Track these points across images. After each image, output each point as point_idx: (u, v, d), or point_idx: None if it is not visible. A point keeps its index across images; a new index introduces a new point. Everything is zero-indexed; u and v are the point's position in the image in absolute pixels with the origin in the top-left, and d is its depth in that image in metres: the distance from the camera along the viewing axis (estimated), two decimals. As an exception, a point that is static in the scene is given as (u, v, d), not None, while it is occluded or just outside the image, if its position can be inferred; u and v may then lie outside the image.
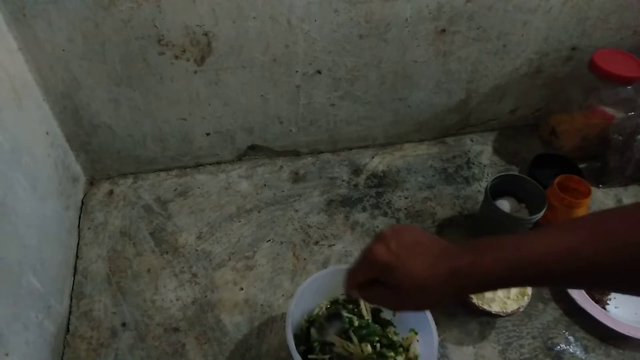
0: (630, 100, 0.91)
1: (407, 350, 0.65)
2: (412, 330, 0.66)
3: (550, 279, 0.39)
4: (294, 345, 0.57)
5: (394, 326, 0.68)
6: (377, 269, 0.44)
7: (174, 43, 0.77)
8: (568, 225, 0.40)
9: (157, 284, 0.80)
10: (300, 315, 0.67)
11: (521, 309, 0.70)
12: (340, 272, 0.66)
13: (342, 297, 0.69)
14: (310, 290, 0.66)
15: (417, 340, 0.65)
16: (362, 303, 0.68)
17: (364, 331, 0.64)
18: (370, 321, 0.67)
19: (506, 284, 0.41)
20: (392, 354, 0.63)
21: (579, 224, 0.39)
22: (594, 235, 0.37)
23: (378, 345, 0.64)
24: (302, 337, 0.66)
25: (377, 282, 0.46)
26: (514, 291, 0.72)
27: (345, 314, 0.66)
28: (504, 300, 0.71)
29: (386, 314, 0.69)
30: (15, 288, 0.62)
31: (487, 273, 0.40)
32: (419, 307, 0.45)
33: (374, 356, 0.63)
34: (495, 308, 0.70)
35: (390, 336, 0.66)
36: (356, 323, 0.65)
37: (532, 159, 0.96)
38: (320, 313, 0.67)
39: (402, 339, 0.66)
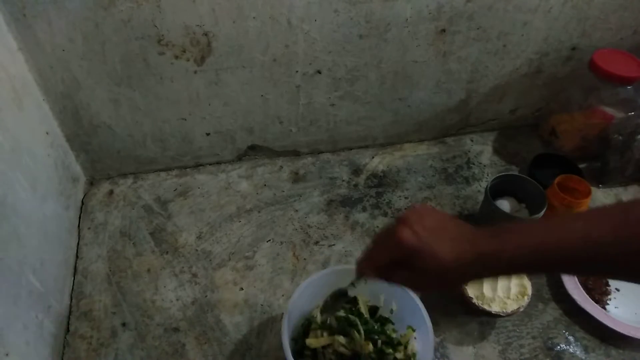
0: (630, 100, 0.91)
1: (405, 347, 0.65)
2: (409, 327, 0.66)
3: (573, 265, 0.40)
4: (289, 351, 0.57)
5: (392, 323, 0.68)
6: (402, 252, 0.44)
7: (174, 43, 0.77)
8: (591, 213, 0.41)
9: (157, 284, 0.80)
10: (296, 318, 0.67)
11: (521, 309, 0.70)
12: (337, 272, 0.67)
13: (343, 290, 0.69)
14: (307, 293, 0.66)
15: (415, 338, 0.66)
16: (360, 302, 0.69)
17: (365, 327, 0.65)
18: (369, 318, 0.67)
19: (529, 269, 0.42)
20: (390, 350, 0.63)
21: (602, 213, 0.40)
22: (616, 223, 0.38)
23: (379, 342, 0.64)
24: (299, 340, 0.66)
25: (397, 263, 0.46)
26: (513, 291, 0.72)
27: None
28: (504, 300, 0.71)
29: (383, 312, 0.69)
30: (15, 288, 0.62)
31: (512, 258, 0.41)
32: (444, 289, 0.46)
33: (373, 355, 0.63)
34: (495, 308, 0.70)
35: (389, 333, 0.66)
36: (362, 309, 0.66)
37: (532, 159, 0.96)
38: (315, 315, 0.67)
39: (400, 335, 0.66)
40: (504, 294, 0.71)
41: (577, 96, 0.96)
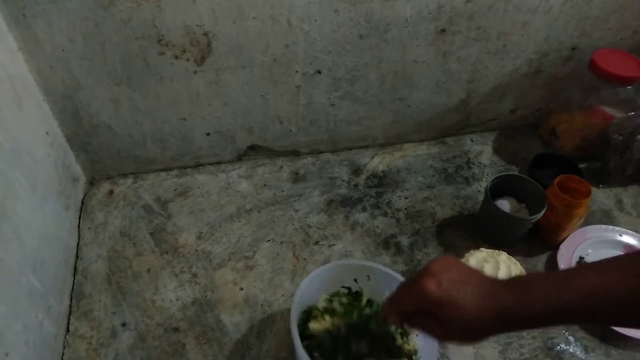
0: (630, 100, 0.91)
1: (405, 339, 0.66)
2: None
3: (589, 317, 0.42)
4: (299, 341, 0.58)
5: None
6: (426, 304, 0.45)
7: (174, 43, 0.77)
8: (604, 265, 0.43)
9: (157, 284, 0.80)
10: (300, 309, 0.67)
11: (521, 309, 0.70)
12: (341, 267, 0.68)
13: (342, 290, 0.70)
14: (312, 286, 0.66)
15: (417, 335, 0.66)
16: (363, 294, 0.69)
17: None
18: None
19: (548, 322, 0.43)
20: (398, 336, 0.65)
21: (614, 265, 0.42)
22: (628, 275, 0.40)
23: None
24: (301, 330, 0.66)
25: (421, 312, 0.47)
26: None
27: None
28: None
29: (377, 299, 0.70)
30: (15, 288, 0.62)
31: (530, 312, 0.42)
32: (465, 342, 0.48)
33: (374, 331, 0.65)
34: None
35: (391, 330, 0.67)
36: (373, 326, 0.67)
37: (532, 159, 0.96)
38: (320, 307, 0.68)
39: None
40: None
41: (577, 96, 0.96)
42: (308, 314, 0.67)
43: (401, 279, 0.67)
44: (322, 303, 0.67)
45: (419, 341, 0.66)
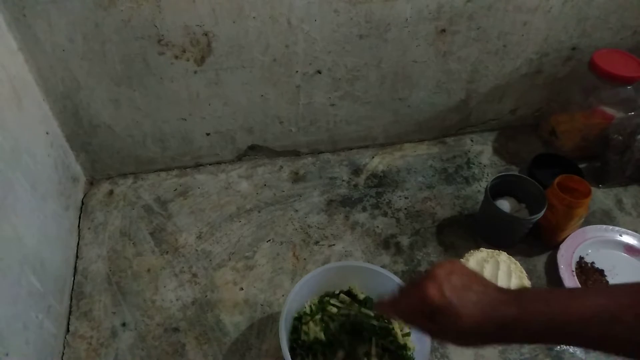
0: (630, 100, 0.91)
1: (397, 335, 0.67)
2: None
3: (592, 341, 0.40)
4: (287, 348, 0.59)
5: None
6: (426, 308, 0.46)
7: (174, 43, 0.77)
8: (614, 289, 0.42)
9: (157, 284, 0.80)
10: (291, 314, 0.68)
11: (521, 309, 0.70)
12: (330, 270, 0.69)
13: (331, 291, 0.72)
14: (302, 292, 0.67)
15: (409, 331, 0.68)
16: (356, 290, 0.71)
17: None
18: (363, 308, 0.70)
19: (548, 340, 0.43)
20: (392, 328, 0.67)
21: (621, 290, 0.41)
22: (636, 302, 0.38)
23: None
24: (292, 334, 0.67)
25: (420, 312, 0.48)
26: (513, 288, 0.71)
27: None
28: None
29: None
30: (15, 288, 0.62)
31: (530, 328, 0.41)
32: (462, 346, 0.48)
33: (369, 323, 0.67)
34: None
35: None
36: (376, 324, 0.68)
37: (532, 159, 0.96)
38: (309, 311, 0.69)
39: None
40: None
41: (577, 96, 0.96)
42: (300, 320, 0.68)
43: (383, 271, 0.69)
44: (309, 307, 0.69)
45: (413, 342, 0.67)
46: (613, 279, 0.81)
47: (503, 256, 0.76)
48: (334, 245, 0.86)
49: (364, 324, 0.68)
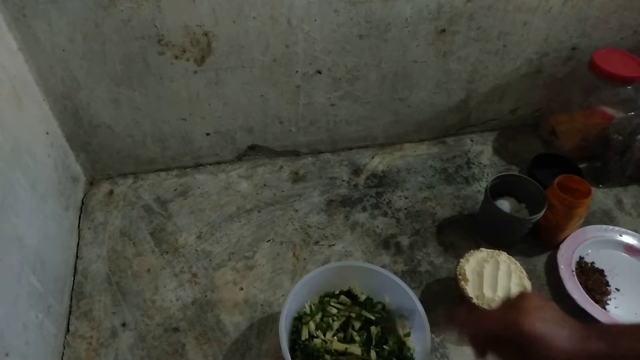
0: (630, 100, 0.91)
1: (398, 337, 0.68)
2: (402, 316, 0.69)
3: None
4: (287, 348, 0.60)
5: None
6: (518, 336, 0.46)
7: (174, 43, 0.77)
8: None
9: (157, 284, 0.80)
10: (291, 314, 0.68)
11: (521, 309, 0.70)
12: (330, 270, 0.70)
13: (332, 291, 0.72)
14: (302, 292, 0.68)
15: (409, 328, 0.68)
16: (356, 290, 0.71)
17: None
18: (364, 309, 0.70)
19: None
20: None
21: None
22: None
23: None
24: (292, 334, 0.68)
25: (497, 340, 0.48)
26: (514, 291, 0.71)
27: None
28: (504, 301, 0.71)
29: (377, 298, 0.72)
30: (15, 288, 0.62)
31: None
32: None
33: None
34: (495, 308, 0.70)
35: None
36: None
37: (532, 159, 0.96)
38: (309, 311, 0.69)
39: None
40: (504, 294, 0.71)
41: (577, 96, 0.96)
42: (300, 320, 0.69)
43: (383, 271, 0.69)
44: (309, 307, 0.69)
45: (413, 343, 0.67)
46: (613, 279, 0.81)
47: (503, 256, 0.76)
48: (334, 245, 0.86)
49: (364, 324, 0.68)
